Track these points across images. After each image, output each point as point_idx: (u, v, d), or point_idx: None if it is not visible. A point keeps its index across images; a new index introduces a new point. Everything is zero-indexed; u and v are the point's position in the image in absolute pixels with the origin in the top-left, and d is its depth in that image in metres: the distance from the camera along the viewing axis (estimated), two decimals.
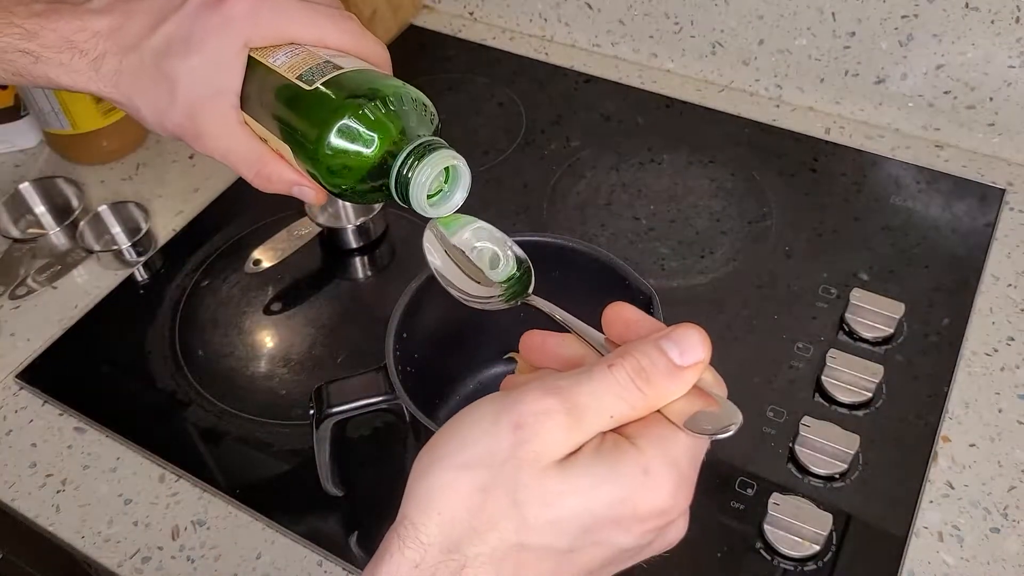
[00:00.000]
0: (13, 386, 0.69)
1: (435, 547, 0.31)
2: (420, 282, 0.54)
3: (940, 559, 0.56)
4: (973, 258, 0.73)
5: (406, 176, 0.41)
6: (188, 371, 0.68)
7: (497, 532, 0.31)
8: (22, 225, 0.81)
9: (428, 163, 0.40)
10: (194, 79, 0.44)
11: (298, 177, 0.46)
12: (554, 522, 0.31)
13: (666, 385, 0.32)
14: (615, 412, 0.32)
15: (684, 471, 0.32)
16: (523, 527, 0.31)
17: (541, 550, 0.31)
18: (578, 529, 0.31)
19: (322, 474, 0.56)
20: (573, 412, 0.31)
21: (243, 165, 0.46)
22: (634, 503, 0.31)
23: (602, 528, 0.31)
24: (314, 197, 0.46)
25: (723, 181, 0.81)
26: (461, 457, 0.32)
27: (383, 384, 0.50)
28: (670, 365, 0.32)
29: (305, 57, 0.44)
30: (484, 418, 0.32)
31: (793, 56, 0.86)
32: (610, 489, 0.31)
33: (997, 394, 0.64)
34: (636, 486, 0.31)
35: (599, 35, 0.95)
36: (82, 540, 0.59)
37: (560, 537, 0.31)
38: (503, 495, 0.31)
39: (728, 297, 0.71)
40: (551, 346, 0.38)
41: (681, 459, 0.32)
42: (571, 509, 0.31)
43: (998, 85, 0.78)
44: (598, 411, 0.31)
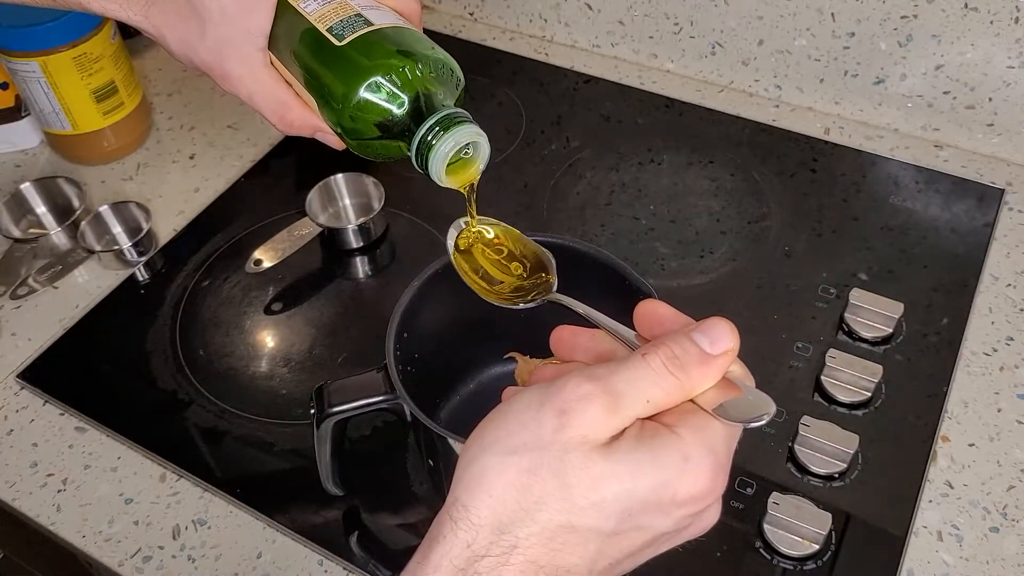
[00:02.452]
0: (14, 386, 0.69)
1: (486, 528, 0.32)
2: (421, 282, 0.54)
3: (939, 558, 0.56)
4: (972, 258, 0.73)
5: (429, 143, 0.40)
6: (189, 371, 0.68)
7: (546, 512, 0.32)
8: (23, 225, 0.81)
9: (453, 135, 0.40)
10: (224, 19, 0.44)
11: (321, 123, 0.46)
12: (599, 504, 0.32)
13: (698, 372, 0.33)
14: (651, 397, 0.33)
15: (721, 458, 0.33)
16: (570, 507, 0.32)
17: (587, 531, 0.32)
18: (622, 512, 0.32)
19: (322, 474, 0.56)
20: (612, 396, 0.32)
21: (267, 108, 0.47)
22: (675, 488, 0.32)
23: (644, 512, 0.32)
24: (333, 142, 0.47)
25: (723, 181, 0.81)
26: (508, 443, 0.33)
27: (383, 384, 0.50)
28: (701, 353, 0.34)
29: (336, 6, 0.44)
30: (529, 406, 0.33)
31: (793, 56, 0.86)
32: (652, 474, 0.32)
33: (996, 394, 0.64)
34: (677, 472, 0.32)
35: (599, 36, 0.96)
36: (83, 539, 0.60)
37: (605, 519, 0.32)
38: (551, 477, 0.32)
39: (728, 297, 0.71)
40: (583, 341, 0.40)
41: (718, 446, 0.33)
42: (615, 491, 0.32)
43: (997, 85, 0.78)
44: (635, 396, 0.33)
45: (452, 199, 0.47)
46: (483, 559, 0.31)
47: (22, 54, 0.78)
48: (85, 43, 0.79)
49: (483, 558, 0.31)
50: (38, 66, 0.78)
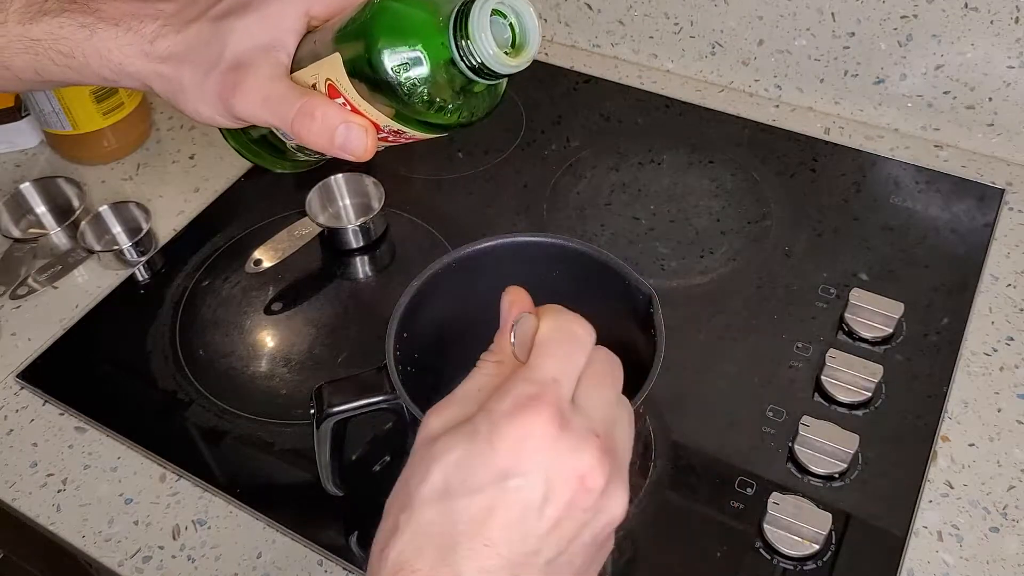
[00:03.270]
0: (14, 385, 0.69)
1: (372, 559, 0.34)
2: (420, 282, 0.54)
3: (939, 558, 0.56)
4: (972, 258, 0.73)
5: (468, 33, 0.37)
6: (189, 371, 0.68)
7: (390, 519, 0.34)
8: (23, 225, 0.81)
9: (477, 6, 0.37)
10: (249, 34, 0.44)
11: (346, 114, 0.42)
12: (428, 485, 0.33)
13: (500, 341, 0.38)
14: (480, 384, 0.37)
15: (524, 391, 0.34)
16: (411, 501, 0.33)
17: (433, 517, 0.33)
18: (453, 488, 0.33)
19: (322, 474, 0.56)
20: (448, 399, 0.37)
21: (284, 105, 0.42)
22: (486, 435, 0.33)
23: (468, 488, 0.33)
24: (362, 141, 0.42)
25: (723, 181, 0.81)
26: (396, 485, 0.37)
27: (383, 384, 0.50)
28: (501, 331, 0.39)
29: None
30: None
31: (793, 56, 0.86)
32: (462, 432, 0.34)
33: (996, 394, 0.64)
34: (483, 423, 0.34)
35: (599, 36, 0.96)
36: (83, 540, 0.60)
37: (436, 502, 0.33)
38: (402, 486, 0.35)
39: (728, 297, 0.71)
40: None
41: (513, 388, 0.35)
42: (436, 471, 0.33)
43: (997, 85, 0.78)
44: (466, 388, 0.37)
45: (452, 199, 0.47)
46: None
47: None
48: None
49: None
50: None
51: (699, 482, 0.60)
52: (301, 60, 0.44)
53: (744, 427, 0.62)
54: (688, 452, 0.61)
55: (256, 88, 0.43)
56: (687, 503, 0.59)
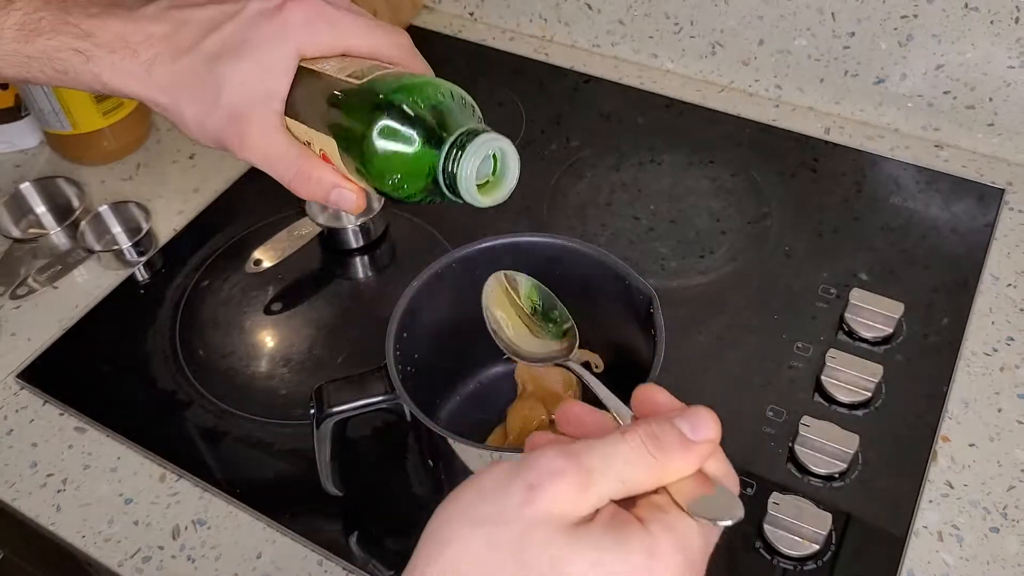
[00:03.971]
0: (14, 386, 0.69)
1: None
2: (420, 282, 0.54)
3: (940, 559, 0.56)
4: (973, 258, 0.73)
5: (452, 170, 0.40)
6: (189, 371, 0.68)
7: None
8: (23, 225, 0.81)
9: (472, 151, 0.39)
10: (243, 81, 0.44)
11: (339, 179, 0.45)
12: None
13: (677, 455, 0.33)
14: (626, 477, 0.32)
15: (693, 558, 0.32)
16: None
17: None
18: None
19: (322, 474, 0.56)
20: (584, 473, 0.31)
21: (283, 165, 0.45)
22: None
23: None
24: (353, 202, 0.46)
25: (723, 181, 0.81)
26: (474, 513, 0.32)
27: (383, 384, 0.50)
28: (682, 437, 0.33)
29: (355, 62, 0.44)
30: (501, 476, 0.33)
31: (793, 56, 0.86)
32: (614, 565, 0.30)
33: (997, 394, 0.64)
34: (641, 567, 0.31)
35: (599, 35, 0.96)
36: (83, 540, 0.60)
37: None
38: (509, 553, 0.31)
39: (728, 297, 0.71)
40: (580, 415, 0.38)
41: (690, 546, 0.32)
42: (575, 574, 0.30)
43: (997, 85, 0.78)
44: (609, 474, 0.32)
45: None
46: None
47: None
48: None
49: None
50: None
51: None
52: (295, 105, 0.45)
53: (744, 427, 0.62)
54: None
55: (256, 144, 0.45)
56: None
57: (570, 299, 0.51)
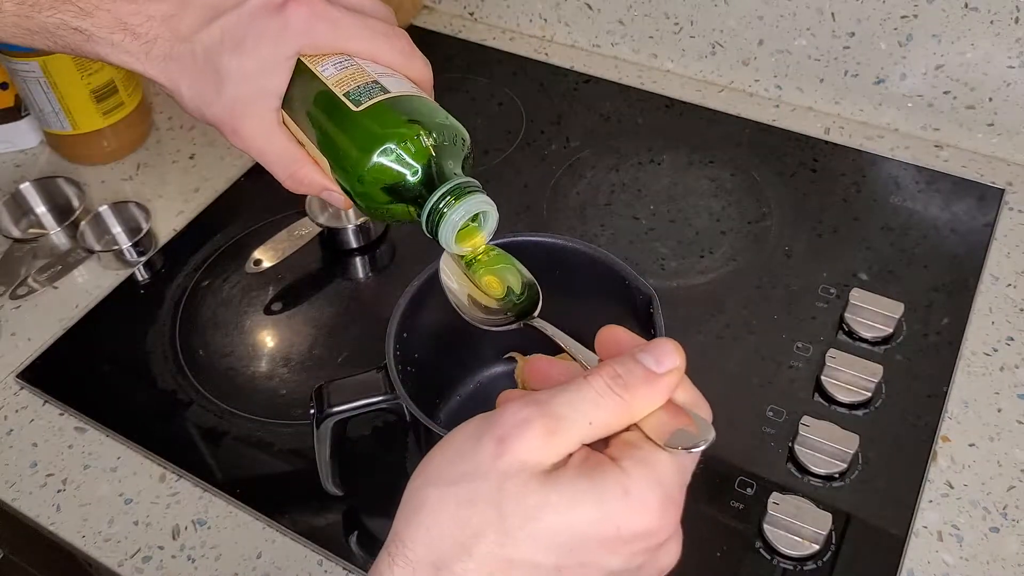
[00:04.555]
0: (14, 386, 0.69)
1: (423, 564, 0.31)
2: (420, 282, 0.54)
3: (939, 559, 0.56)
4: (972, 258, 0.73)
5: (440, 211, 0.41)
6: (189, 371, 0.68)
7: (483, 545, 0.31)
8: (23, 225, 0.81)
9: (464, 205, 0.41)
10: (242, 77, 0.44)
11: (329, 183, 0.46)
12: (536, 535, 0.30)
13: (643, 391, 0.33)
14: (594, 419, 0.32)
15: (670, 492, 0.32)
16: (507, 539, 0.30)
17: (526, 565, 0.31)
18: (562, 546, 0.31)
19: (322, 474, 0.56)
20: (552, 419, 0.31)
21: (277, 165, 0.46)
22: (617, 523, 0.31)
23: (587, 547, 0.31)
24: (342, 203, 0.47)
25: (723, 181, 0.81)
26: (448, 474, 0.32)
27: (383, 384, 0.50)
28: (646, 372, 0.33)
29: (354, 72, 0.44)
30: (468, 435, 0.33)
31: (793, 56, 0.86)
32: (592, 506, 0.31)
33: (996, 394, 0.64)
34: (618, 506, 0.31)
35: (599, 35, 0.96)
36: (83, 540, 0.60)
37: (544, 552, 0.31)
38: (488, 507, 0.31)
39: (728, 297, 0.71)
40: (555, 373, 0.39)
41: (666, 479, 0.32)
42: (553, 523, 0.30)
43: (997, 85, 0.78)
44: (577, 419, 0.32)
45: None
46: None
47: (22, 54, 0.78)
48: None
49: None
50: (38, 66, 0.78)
51: (699, 482, 0.59)
52: (292, 102, 0.46)
53: (744, 427, 0.62)
54: None
55: (251, 139, 0.46)
56: (687, 503, 0.58)
57: (570, 299, 0.51)
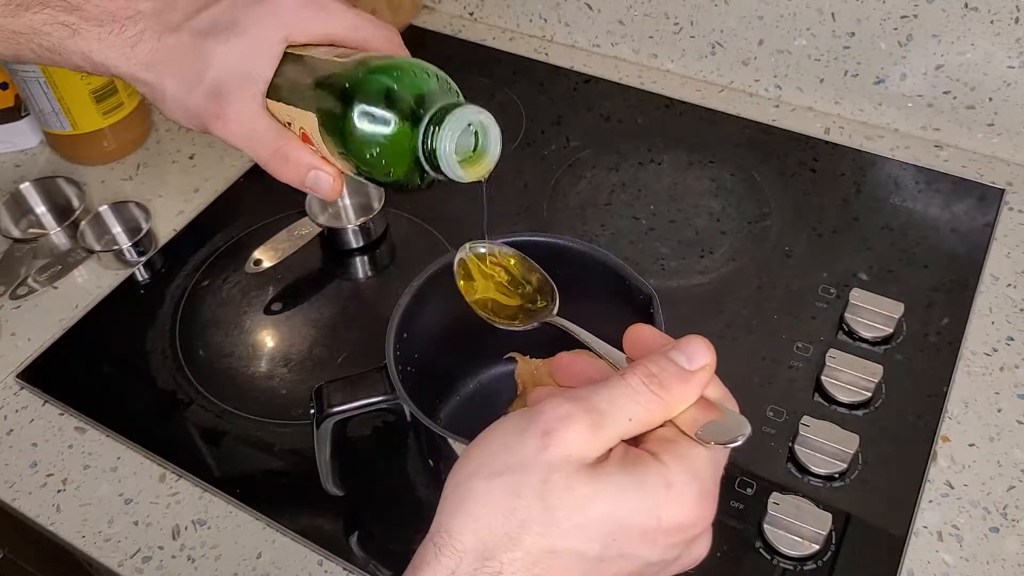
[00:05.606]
0: (14, 385, 0.69)
1: (470, 554, 0.31)
2: (421, 282, 0.54)
3: (939, 559, 0.56)
4: (972, 258, 0.73)
5: (431, 146, 0.40)
6: (189, 371, 0.68)
7: (529, 536, 0.31)
8: (23, 225, 0.81)
9: (450, 126, 0.39)
10: (229, 61, 0.44)
11: (317, 161, 0.45)
12: (582, 526, 0.31)
13: (677, 388, 0.34)
14: (633, 415, 0.33)
15: (706, 485, 0.33)
16: (553, 530, 0.31)
17: (570, 555, 0.31)
18: (605, 536, 0.32)
19: (322, 474, 0.56)
20: (594, 414, 0.32)
21: (260, 145, 0.45)
22: (659, 515, 0.32)
23: (629, 538, 0.32)
24: (329, 186, 0.45)
25: (723, 181, 0.81)
26: (493, 466, 0.33)
27: (383, 384, 0.50)
28: (679, 370, 0.34)
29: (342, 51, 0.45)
30: (512, 429, 0.33)
31: (793, 56, 0.86)
32: (635, 498, 0.32)
33: (996, 394, 0.64)
34: (661, 499, 0.32)
35: (599, 35, 0.96)
36: (83, 540, 0.60)
37: (588, 542, 0.31)
38: (534, 499, 0.31)
39: (728, 297, 0.71)
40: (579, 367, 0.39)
41: (702, 473, 0.33)
42: (598, 513, 0.31)
43: (997, 85, 0.78)
44: (617, 415, 0.33)
45: (453, 200, 0.47)
46: None
47: None
48: None
49: None
50: (38, 66, 0.78)
51: None
52: (279, 88, 0.45)
53: None
54: None
55: (236, 122, 0.45)
56: None
57: (571, 299, 0.51)
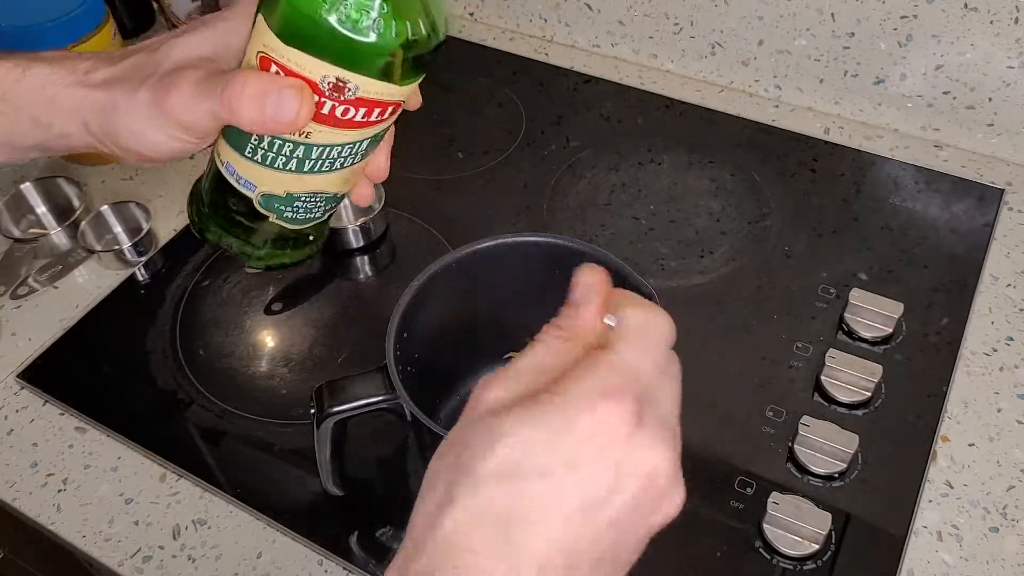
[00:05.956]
0: (14, 385, 0.69)
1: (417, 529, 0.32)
2: (421, 282, 0.54)
3: (939, 558, 0.56)
4: (972, 258, 0.73)
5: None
6: (189, 371, 0.68)
7: (456, 489, 0.32)
8: (23, 225, 0.81)
9: None
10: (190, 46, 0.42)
11: (276, 78, 0.38)
12: (493, 461, 0.32)
13: (574, 320, 0.36)
14: (544, 362, 0.35)
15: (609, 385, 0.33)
16: (470, 474, 0.32)
17: (496, 494, 0.31)
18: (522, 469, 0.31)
19: (322, 474, 0.56)
20: (508, 373, 0.35)
21: (214, 84, 0.39)
22: (567, 423, 0.32)
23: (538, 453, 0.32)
24: (293, 102, 0.37)
25: (723, 181, 0.81)
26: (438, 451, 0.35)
27: (383, 384, 0.50)
28: (569, 305, 0.37)
29: None
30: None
31: (792, 56, 0.86)
32: (537, 416, 0.32)
33: (996, 394, 0.64)
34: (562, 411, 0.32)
35: (599, 36, 0.96)
36: (83, 539, 0.60)
37: (501, 480, 0.31)
38: (452, 456, 0.33)
39: (728, 297, 0.71)
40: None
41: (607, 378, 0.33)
42: (503, 448, 0.32)
43: (997, 85, 0.78)
44: (529, 366, 0.35)
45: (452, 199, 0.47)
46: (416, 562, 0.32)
47: None
48: (86, 43, 0.79)
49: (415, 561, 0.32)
50: None
51: (699, 482, 0.60)
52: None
53: (744, 427, 0.62)
54: (688, 452, 0.61)
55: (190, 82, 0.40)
56: (687, 503, 0.59)
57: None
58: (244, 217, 0.44)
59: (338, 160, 0.42)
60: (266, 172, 0.42)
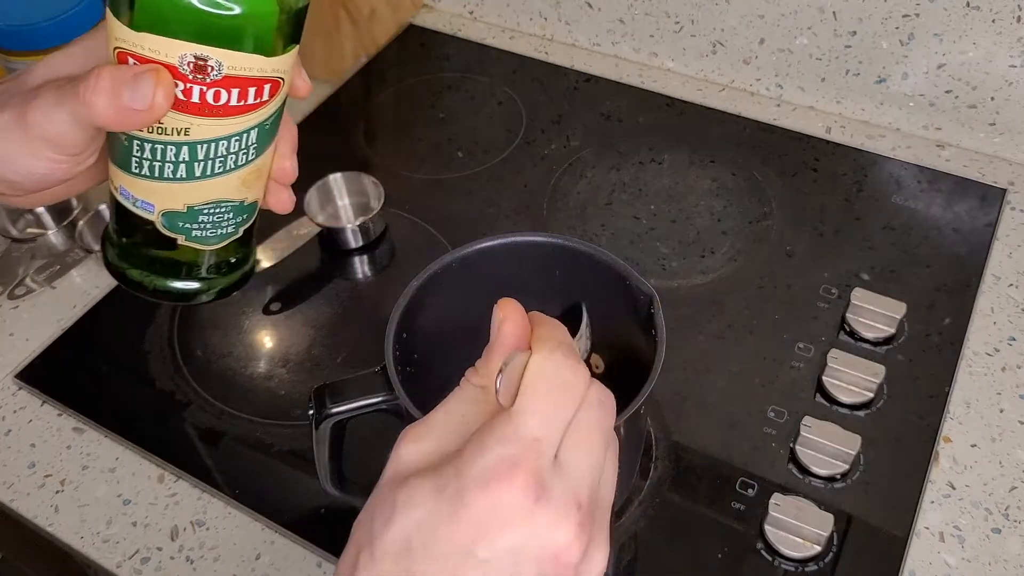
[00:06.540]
0: (12, 386, 0.69)
1: None
2: (420, 282, 0.54)
3: (941, 559, 0.56)
4: (974, 258, 0.73)
5: None
6: (187, 371, 0.68)
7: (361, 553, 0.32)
8: (21, 225, 0.80)
9: None
10: (52, 66, 0.41)
11: (131, 68, 0.36)
12: (390, 535, 0.31)
13: (489, 363, 0.35)
14: (464, 412, 0.34)
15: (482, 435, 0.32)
16: (372, 544, 0.31)
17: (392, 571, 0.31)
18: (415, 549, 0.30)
19: (321, 474, 0.55)
20: (420, 427, 0.34)
21: (73, 86, 0.38)
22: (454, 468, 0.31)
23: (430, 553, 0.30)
24: (149, 85, 0.36)
25: (724, 181, 0.81)
26: (365, 506, 0.34)
27: (383, 384, 0.50)
28: (488, 349, 0.36)
29: None
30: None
31: (794, 55, 0.86)
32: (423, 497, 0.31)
33: (998, 394, 0.64)
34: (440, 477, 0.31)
35: (599, 34, 0.95)
36: (81, 540, 0.59)
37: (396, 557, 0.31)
38: (368, 520, 0.32)
39: (729, 297, 0.71)
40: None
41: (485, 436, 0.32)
42: (399, 523, 0.31)
43: (999, 84, 0.78)
44: (446, 420, 0.34)
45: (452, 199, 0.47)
46: None
47: (22, 54, 0.77)
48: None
49: None
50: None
51: (700, 483, 0.59)
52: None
53: (745, 428, 0.62)
54: (689, 453, 0.61)
55: (49, 91, 0.39)
56: (688, 504, 0.59)
57: (570, 299, 0.51)
58: (154, 246, 0.43)
59: (228, 158, 0.40)
60: (158, 185, 0.40)
